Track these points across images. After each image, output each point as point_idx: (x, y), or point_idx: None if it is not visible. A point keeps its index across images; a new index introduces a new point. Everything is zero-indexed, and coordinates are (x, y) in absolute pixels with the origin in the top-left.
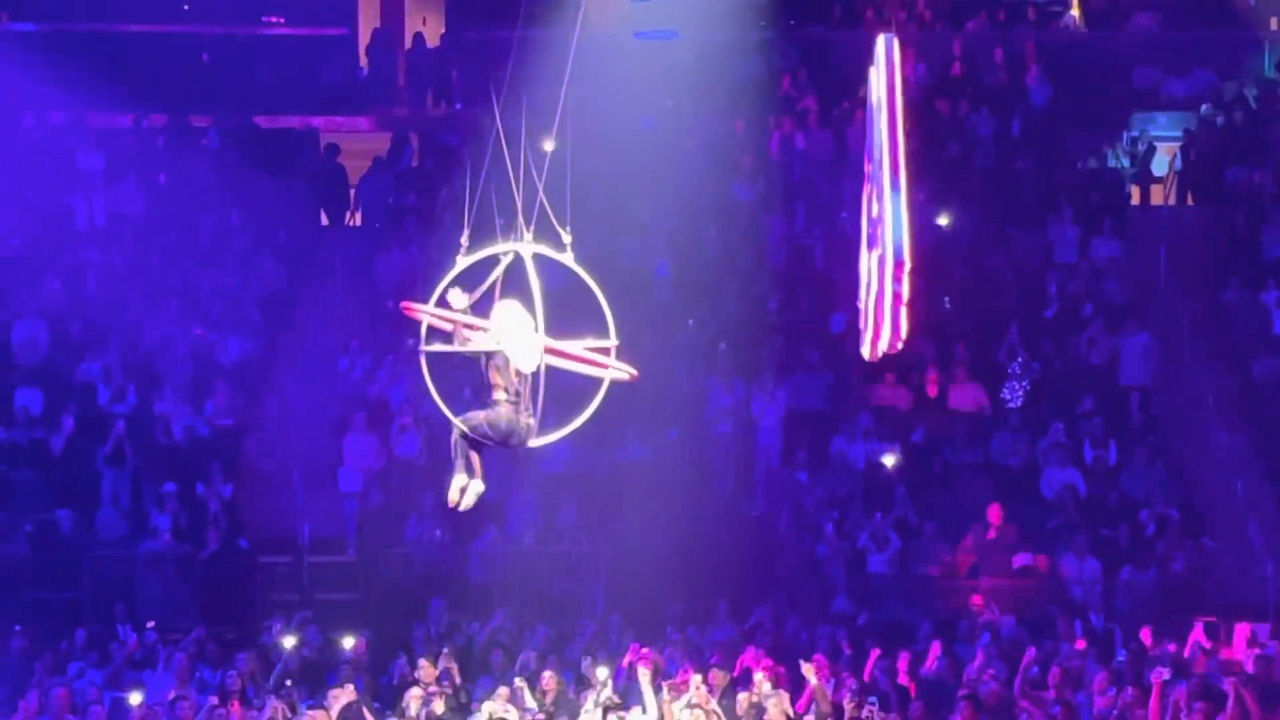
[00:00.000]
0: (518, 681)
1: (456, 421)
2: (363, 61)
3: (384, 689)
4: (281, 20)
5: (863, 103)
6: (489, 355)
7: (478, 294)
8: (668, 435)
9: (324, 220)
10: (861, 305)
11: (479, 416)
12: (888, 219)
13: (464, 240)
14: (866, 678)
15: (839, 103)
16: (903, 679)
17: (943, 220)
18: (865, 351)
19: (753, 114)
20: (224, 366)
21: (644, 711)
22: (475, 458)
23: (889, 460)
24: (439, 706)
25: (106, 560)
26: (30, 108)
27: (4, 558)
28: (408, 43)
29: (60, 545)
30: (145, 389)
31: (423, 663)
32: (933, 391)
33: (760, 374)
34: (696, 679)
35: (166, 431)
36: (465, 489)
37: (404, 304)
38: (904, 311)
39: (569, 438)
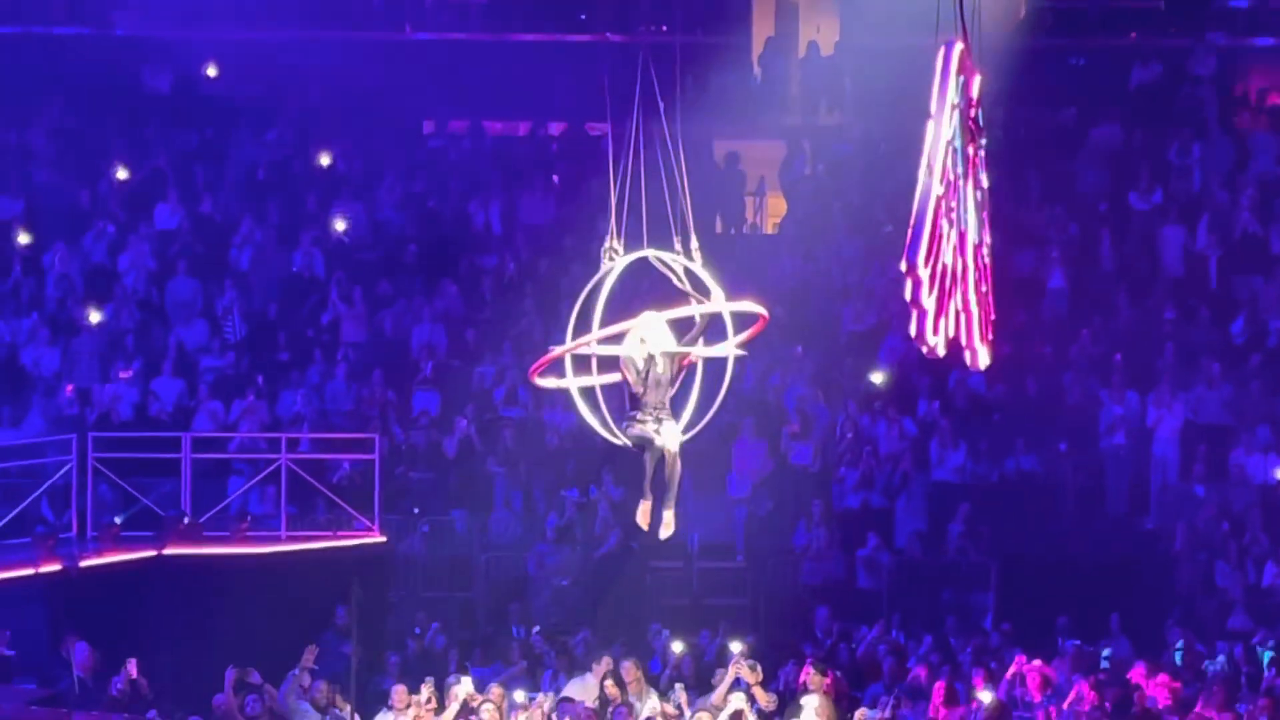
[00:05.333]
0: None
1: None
2: (756, 69)
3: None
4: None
5: (1265, 110)
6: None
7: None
8: (1059, 447)
9: (718, 227)
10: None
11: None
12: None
13: (616, 245)
14: (1264, 695)
15: (1238, 111)
16: None
17: None
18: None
19: (1150, 122)
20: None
21: None
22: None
23: None
24: (822, 711)
25: (500, 562)
26: (430, 116)
27: (401, 558)
28: (801, 50)
29: (455, 546)
30: (537, 393)
31: (808, 668)
32: None
33: (1155, 386)
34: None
35: (558, 434)
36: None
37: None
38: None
39: (961, 448)
